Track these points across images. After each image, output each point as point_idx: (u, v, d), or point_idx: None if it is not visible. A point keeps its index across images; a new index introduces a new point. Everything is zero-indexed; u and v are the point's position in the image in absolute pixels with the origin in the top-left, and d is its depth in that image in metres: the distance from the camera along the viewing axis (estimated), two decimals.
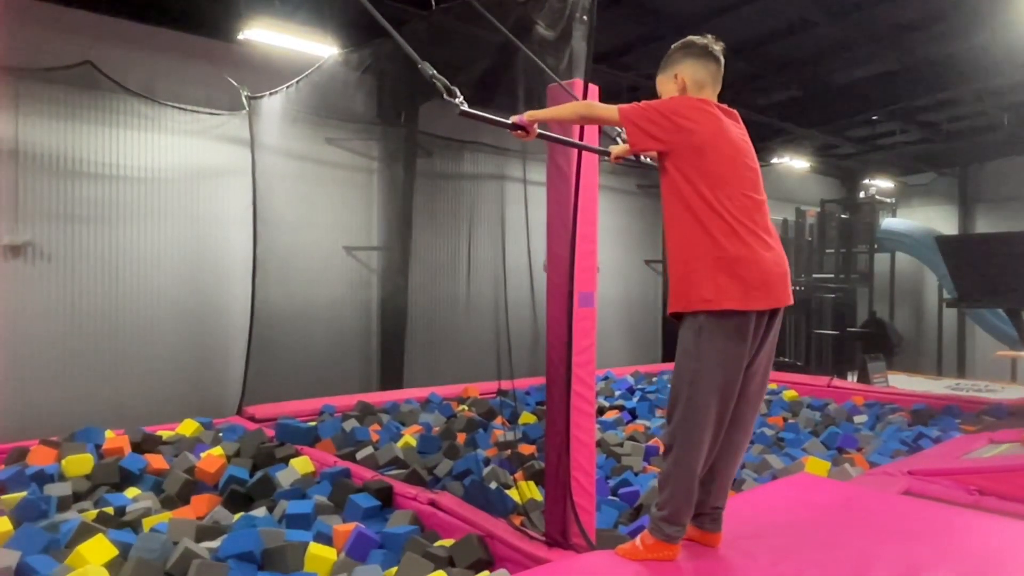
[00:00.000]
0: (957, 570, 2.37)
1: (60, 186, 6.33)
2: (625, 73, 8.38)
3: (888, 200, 14.58)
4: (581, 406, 3.52)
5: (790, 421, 6.79)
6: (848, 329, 12.23)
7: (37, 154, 6.19)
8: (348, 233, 8.21)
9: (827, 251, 12.77)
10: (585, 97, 3.37)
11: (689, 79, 2.39)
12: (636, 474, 5.03)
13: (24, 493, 4.03)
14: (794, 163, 12.61)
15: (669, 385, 2.45)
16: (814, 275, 12.23)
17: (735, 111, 2.43)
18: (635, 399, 7.72)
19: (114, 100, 6.55)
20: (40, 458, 4.75)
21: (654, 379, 9.27)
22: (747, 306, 2.24)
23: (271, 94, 6.77)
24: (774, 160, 12.44)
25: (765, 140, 11.29)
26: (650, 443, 5.77)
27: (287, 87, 6.61)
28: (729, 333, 2.25)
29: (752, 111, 9.81)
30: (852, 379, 10.12)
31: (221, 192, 7.22)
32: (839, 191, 15.20)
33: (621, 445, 5.73)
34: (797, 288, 12.00)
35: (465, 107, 2.39)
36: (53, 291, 6.29)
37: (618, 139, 3.00)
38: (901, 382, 10.10)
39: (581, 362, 3.51)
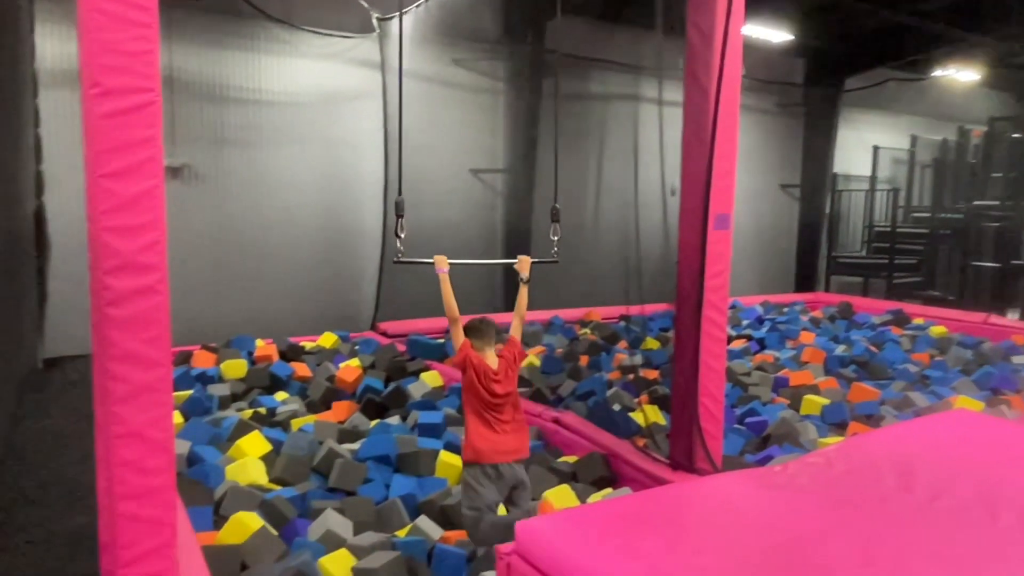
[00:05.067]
0: None
1: (209, 111, 6.73)
2: None
3: None
4: (712, 331, 3.42)
5: (937, 359, 6.32)
6: (1012, 262, 11.06)
7: (188, 81, 6.58)
8: (474, 155, 8.24)
9: (993, 175, 11.47)
10: (731, 6, 3.17)
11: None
12: (764, 404, 4.89)
13: (191, 392, 4.50)
14: (959, 75, 11.27)
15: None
16: (975, 202, 11.06)
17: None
18: (764, 329, 7.44)
19: (255, 27, 6.81)
20: (202, 361, 5.27)
21: (785, 309, 8.86)
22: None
23: (400, 15, 6.76)
24: (936, 72, 11.16)
25: (924, 49, 10.09)
26: (779, 374, 5.57)
27: (416, 6, 6.58)
28: None
29: (914, 16, 8.79)
30: (1014, 317, 9.22)
31: (354, 115, 7.42)
32: (1013, 107, 13.49)
33: (748, 374, 5.56)
34: (953, 216, 10.94)
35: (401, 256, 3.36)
36: (207, 211, 6.79)
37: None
38: None
39: (714, 287, 3.39)
